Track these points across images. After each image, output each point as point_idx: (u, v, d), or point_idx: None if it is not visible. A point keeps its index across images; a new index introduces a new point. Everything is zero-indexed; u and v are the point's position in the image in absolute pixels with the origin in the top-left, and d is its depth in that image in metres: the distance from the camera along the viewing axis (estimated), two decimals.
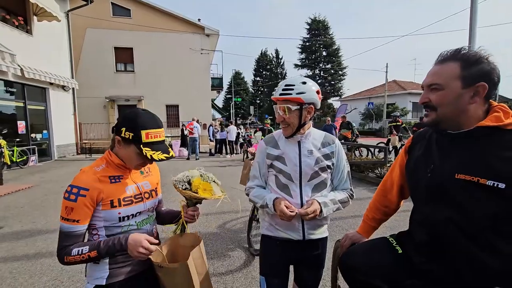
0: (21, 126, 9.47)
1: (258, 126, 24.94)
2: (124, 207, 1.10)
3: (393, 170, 1.33)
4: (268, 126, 11.08)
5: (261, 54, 50.56)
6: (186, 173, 1.28)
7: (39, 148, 10.17)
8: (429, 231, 1.03)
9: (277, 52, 49.58)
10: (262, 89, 49.93)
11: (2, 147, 8.11)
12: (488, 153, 0.90)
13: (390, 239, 1.23)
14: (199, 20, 16.87)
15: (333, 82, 35.17)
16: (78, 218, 1.01)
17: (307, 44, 34.79)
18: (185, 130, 12.39)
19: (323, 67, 34.92)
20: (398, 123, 10.49)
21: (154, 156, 1.07)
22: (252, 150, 3.77)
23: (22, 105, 9.58)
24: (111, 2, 15.57)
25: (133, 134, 1.06)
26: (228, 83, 46.39)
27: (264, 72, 50.55)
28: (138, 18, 15.80)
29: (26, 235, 3.71)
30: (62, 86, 11.27)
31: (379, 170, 6.95)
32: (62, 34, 11.35)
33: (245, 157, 11.21)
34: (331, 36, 34.35)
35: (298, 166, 1.35)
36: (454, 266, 0.97)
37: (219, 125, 13.54)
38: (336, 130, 10.99)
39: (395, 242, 1.20)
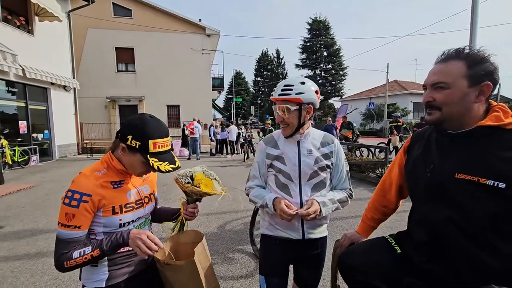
0: (22, 126, 9.50)
1: (259, 127, 24.98)
2: (125, 214, 1.08)
3: (392, 170, 1.33)
4: (269, 126, 11.10)
5: (262, 54, 50.59)
6: (188, 169, 1.29)
7: (41, 148, 10.20)
8: (428, 231, 1.04)
9: (278, 52, 49.62)
10: (263, 89, 49.93)
11: (4, 147, 8.16)
12: (488, 152, 0.90)
13: (389, 239, 1.24)
14: (200, 20, 16.90)
15: (334, 82, 35.14)
16: (79, 224, 0.98)
17: (308, 44, 34.77)
18: (186, 130, 12.41)
19: (324, 67, 34.89)
20: (399, 123, 10.48)
21: (161, 167, 1.03)
22: None
23: (23, 105, 9.61)
24: (112, 2, 15.60)
25: (140, 143, 1.01)
26: (229, 83, 46.42)
27: (265, 72, 50.56)
28: (139, 18, 15.83)
29: (27, 235, 3.73)
30: (64, 86, 11.30)
31: (380, 170, 6.94)
32: (63, 34, 11.38)
33: (245, 157, 11.22)
34: (332, 36, 34.34)
35: (298, 165, 1.36)
36: (454, 265, 0.97)
37: (220, 125, 13.53)
38: (336, 130, 10.99)
39: (394, 242, 1.21)
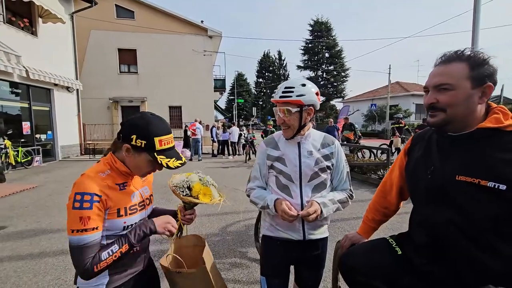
0: (26, 126, 9.57)
1: (261, 128, 24.96)
2: (129, 216, 1.06)
3: (392, 171, 1.33)
4: (270, 127, 11.10)
5: (263, 55, 50.76)
6: (183, 177, 1.27)
7: (44, 148, 10.26)
8: (429, 233, 1.04)
9: (279, 53, 49.78)
10: (264, 90, 50.01)
11: (7, 148, 8.22)
12: (488, 154, 0.90)
13: (389, 240, 1.24)
14: (202, 22, 16.95)
15: (335, 84, 35.17)
16: (96, 225, 0.95)
17: (310, 45, 34.83)
18: (188, 131, 12.45)
19: (326, 69, 34.92)
20: (401, 125, 10.47)
21: (169, 164, 1.03)
22: None
23: (27, 106, 9.68)
24: (115, 4, 15.69)
25: (145, 142, 1.00)
26: (230, 85, 46.47)
27: (266, 73, 50.68)
28: (141, 20, 15.91)
29: (30, 235, 3.76)
30: (67, 87, 11.37)
31: (382, 172, 6.93)
32: (66, 35, 11.46)
33: (247, 158, 11.23)
34: (334, 37, 34.37)
35: (298, 167, 1.36)
36: (455, 267, 0.97)
37: (222, 126, 13.56)
38: (338, 131, 10.98)
39: (395, 243, 1.21)
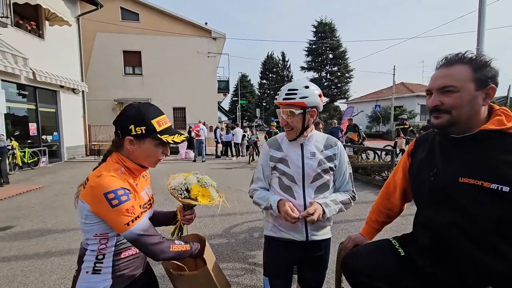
0: (32, 128, 9.71)
1: (265, 129, 25.00)
2: (148, 211, 1.08)
3: (396, 173, 1.33)
4: (274, 128, 11.11)
5: (267, 56, 50.82)
6: (181, 179, 1.27)
7: (50, 149, 10.40)
8: (432, 235, 1.04)
9: (283, 54, 49.78)
10: (268, 91, 50.05)
11: (14, 149, 8.34)
12: (491, 156, 0.90)
13: (393, 241, 1.24)
14: (206, 23, 17.04)
15: (339, 85, 35.02)
16: (140, 212, 0.98)
17: (314, 46, 34.77)
18: (191, 132, 12.51)
19: (330, 70, 34.82)
20: (405, 126, 10.40)
21: (174, 139, 1.06)
22: None
23: (33, 107, 9.82)
24: (120, 7, 15.85)
25: (145, 127, 1.01)
26: (234, 86, 46.61)
27: (270, 74, 50.72)
28: (146, 22, 16.04)
29: (36, 235, 3.81)
30: (72, 89, 11.52)
31: (386, 173, 6.89)
32: (72, 38, 11.63)
33: (250, 159, 11.24)
34: (338, 38, 34.28)
35: (301, 168, 1.37)
36: (457, 269, 0.97)
37: (226, 127, 13.60)
38: (342, 132, 10.95)
39: (398, 244, 1.21)
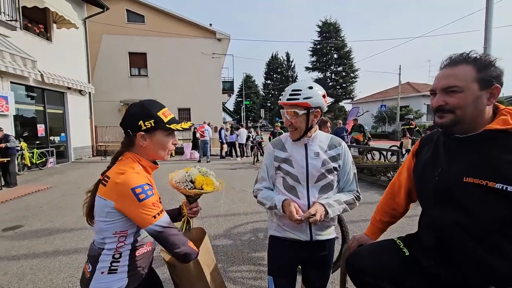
0: (40, 129, 9.88)
1: (270, 130, 25.00)
2: None
3: (401, 173, 1.33)
4: (278, 129, 11.10)
5: (271, 57, 50.78)
6: (183, 173, 1.33)
7: (57, 150, 10.56)
8: (436, 235, 1.04)
9: (288, 55, 49.73)
10: (273, 92, 50.02)
11: (23, 149, 8.49)
12: (496, 156, 0.90)
13: (397, 241, 1.24)
14: (211, 25, 17.13)
15: (344, 85, 34.84)
16: (163, 208, 1.03)
17: (318, 46, 34.67)
18: (196, 133, 12.57)
19: (335, 70, 34.67)
20: (411, 126, 10.31)
21: (183, 126, 1.14)
22: None
23: (41, 109, 10.00)
24: (126, 9, 16.04)
25: (153, 120, 1.07)
26: (239, 87, 46.70)
27: (275, 75, 50.70)
28: (151, 24, 16.20)
29: (45, 234, 3.87)
30: (79, 91, 11.68)
31: (391, 173, 6.83)
32: (79, 40, 11.80)
33: (255, 160, 11.26)
34: (343, 38, 34.12)
35: (305, 168, 1.38)
36: (461, 269, 0.97)
37: (230, 127, 13.64)
38: (347, 133, 10.89)
39: (402, 244, 1.21)
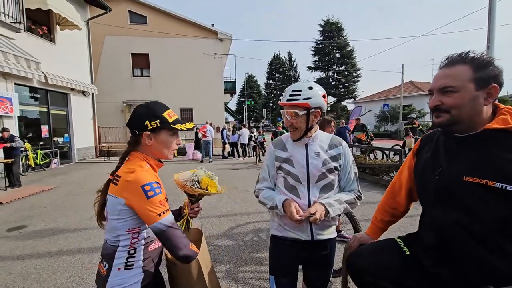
0: (44, 130, 9.95)
1: (272, 129, 25.02)
2: None
3: (401, 172, 1.33)
4: (280, 129, 11.10)
5: (274, 57, 50.78)
6: (190, 173, 1.37)
7: (61, 151, 10.64)
8: (437, 234, 1.04)
9: (290, 55, 49.68)
10: (275, 92, 49.99)
11: (27, 150, 8.56)
12: (496, 155, 0.90)
13: (398, 241, 1.24)
14: (213, 25, 17.16)
15: (347, 84, 34.75)
16: (168, 207, 1.05)
17: (320, 46, 34.60)
18: (198, 133, 12.60)
19: (337, 69, 34.58)
20: (414, 125, 10.24)
21: (187, 126, 1.19)
22: None
23: (45, 110, 10.07)
24: (128, 10, 16.11)
25: (159, 120, 1.11)
26: (241, 87, 46.72)
27: (277, 75, 50.67)
28: (154, 24, 16.26)
29: (49, 234, 3.91)
30: (83, 92, 11.76)
31: (394, 173, 6.80)
32: (82, 42, 11.88)
33: (257, 160, 11.26)
34: (345, 37, 34.02)
35: (306, 168, 1.38)
36: (462, 269, 0.97)
37: (233, 128, 13.66)
38: (349, 132, 10.87)
39: (403, 244, 1.21)
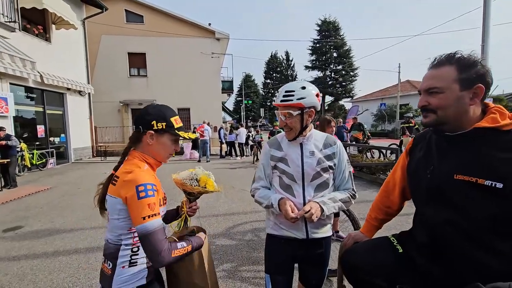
0: (40, 130, 9.89)
1: (269, 129, 25.03)
2: (164, 206, 1.17)
3: (395, 171, 1.35)
4: (277, 128, 11.12)
5: (271, 56, 50.73)
6: (188, 172, 1.40)
7: (57, 151, 10.57)
8: (429, 233, 1.05)
9: (287, 54, 49.68)
10: (272, 91, 49.98)
11: (23, 151, 8.50)
12: (485, 153, 0.92)
13: (391, 239, 1.25)
14: (210, 24, 17.11)
15: (344, 83, 34.82)
16: (158, 212, 1.05)
17: (318, 45, 34.64)
18: (196, 132, 12.59)
19: (334, 68, 34.65)
20: (411, 124, 10.30)
21: (189, 135, 1.22)
22: None
23: (41, 110, 10.01)
24: (125, 9, 16.03)
25: (165, 123, 1.14)
26: (238, 86, 46.68)
27: (274, 74, 50.64)
28: (150, 24, 16.19)
29: (45, 234, 3.89)
30: (79, 91, 11.69)
31: (391, 172, 6.84)
32: (78, 41, 11.80)
33: (254, 159, 11.27)
34: (342, 37, 34.09)
35: (301, 167, 1.39)
36: (453, 267, 0.98)
37: (230, 127, 13.66)
38: (347, 131, 10.91)
39: (396, 242, 1.22)
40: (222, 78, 19.56)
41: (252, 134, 13.33)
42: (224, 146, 13.27)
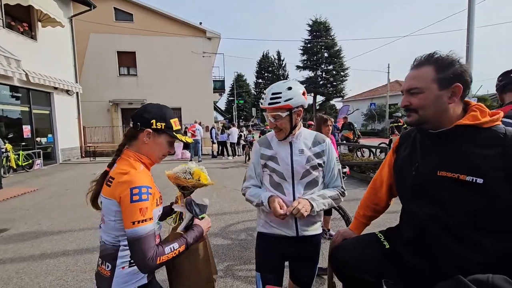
0: (26, 130, 9.62)
1: (261, 128, 25.06)
2: (160, 206, 1.16)
3: (382, 169, 1.38)
4: (268, 127, 11.13)
5: (263, 56, 50.74)
6: (180, 166, 1.42)
7: (44, 152, 10.31)
8: (414, 229, 1.08)
9: (278, 54, 49.76)
10: (264, 91, 49.97)
11: (8, 151, 8.26)
12: (466, 150, 0.95)
13: (378, 235, 1.28)
14: (201, 23, 17.01)
15: (335, 83, 35.11)
16: (151, 216, 1.02)
17: (309, 45, 34.85)
18: (187, 132, 12.49)
19: (325, 68, 34.93)
20: (399, 124, 10.49)
21: (186, 139, 1.23)
22: None
23: (27, 109, 9.74)
24: (114, 7, 15.75)
25: (165, 123, 1.13)
26: (230, 86, 46.52)
27: (266, 74, 50.66)
28: (140, 22, 15.97)
29: (31, 237, 3.80)
30: (66, 91, 11.44)
31: None
32: (66, 39, 11.54)
33: (246, 159, 11.27)
34: (333, 37, 34.39)
35: (290, 165, 1.40)
36: (436, 262, 1.01)
37: (222, 127, 13.63)
38: (338, 131, 11.03)
39: (383, 238, 1.25)
40: (213, 77, 19.46)
41: (244, 134, 13.33)
42: (215, 146, 13.21)
